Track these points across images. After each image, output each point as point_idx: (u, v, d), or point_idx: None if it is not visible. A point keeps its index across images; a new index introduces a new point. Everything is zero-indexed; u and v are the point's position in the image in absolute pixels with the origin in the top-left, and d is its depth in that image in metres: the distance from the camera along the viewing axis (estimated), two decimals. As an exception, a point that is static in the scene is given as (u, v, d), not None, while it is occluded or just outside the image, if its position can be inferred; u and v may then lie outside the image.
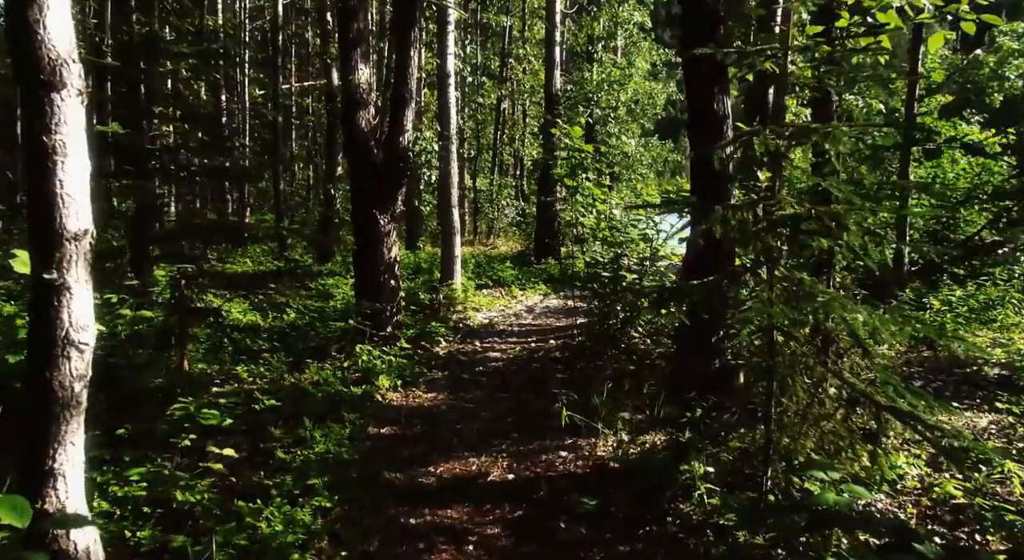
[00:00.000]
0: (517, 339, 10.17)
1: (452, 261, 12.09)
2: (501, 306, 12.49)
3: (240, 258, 17.57)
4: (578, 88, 17.94)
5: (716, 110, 4.90)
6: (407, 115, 8.64)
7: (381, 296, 8.62)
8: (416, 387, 7.39)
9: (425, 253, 16.15)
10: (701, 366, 5.05)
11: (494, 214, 25.27)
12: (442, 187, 12.13)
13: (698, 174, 5.10)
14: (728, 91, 4.99)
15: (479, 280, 14.03)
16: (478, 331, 10.50)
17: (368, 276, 8.66)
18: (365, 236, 8.62)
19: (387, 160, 8.62)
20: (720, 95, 4.89)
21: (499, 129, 28.38)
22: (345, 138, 8.72)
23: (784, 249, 3.99)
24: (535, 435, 5.98)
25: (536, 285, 14.41)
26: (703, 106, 4.91)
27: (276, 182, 19.12)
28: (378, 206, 8.55)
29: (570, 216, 9.23)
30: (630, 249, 8.37)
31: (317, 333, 9.06)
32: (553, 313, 12.15)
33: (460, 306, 11.62)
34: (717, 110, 4.90)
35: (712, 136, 4.90)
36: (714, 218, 3.89)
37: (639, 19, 20.26)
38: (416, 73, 8.74)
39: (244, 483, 4.60)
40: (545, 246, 17.29)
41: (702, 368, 5.04)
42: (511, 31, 26.77)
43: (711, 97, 4.87)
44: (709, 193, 4.82)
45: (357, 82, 8.52)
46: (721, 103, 4.90)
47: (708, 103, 4.88)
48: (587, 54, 20.23)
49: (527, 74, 25.24)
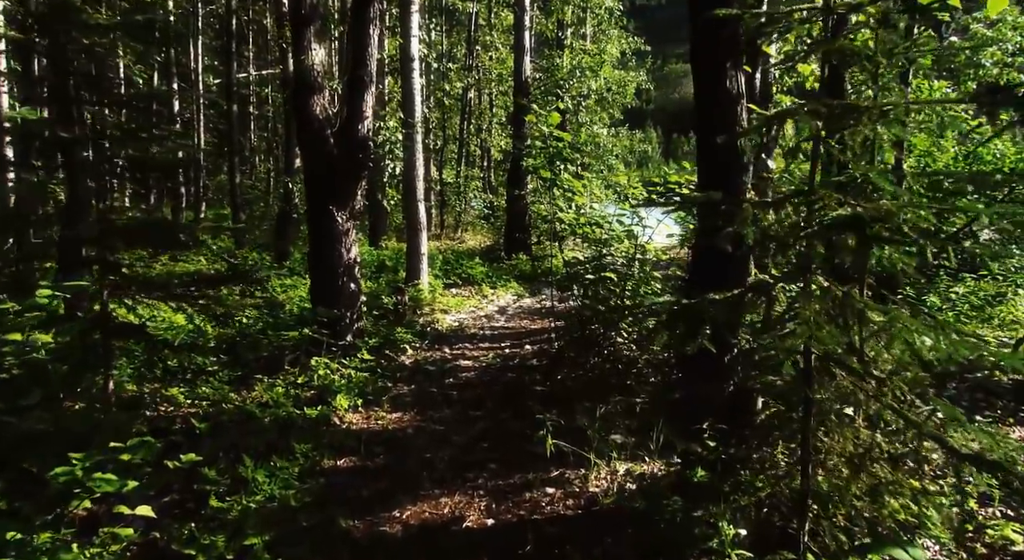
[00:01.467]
0: (490, 345, 9.39)
1: (418, 259, 11.26)
2: (471, 307, 11.70)
3: (194, 256, 16.54)
4: (548, 75, 17.14)
5: (729, 89, 4.15)
6: (366, 100, 7.78)
7: (339, 301, 7.78)
8: (379, 406, 6.57)
9: (389, 250, 15.27)
10: (711, 389, 4.32)
11: (461, 207, 24.43)
12: (407, 179, 11.28)
13: (707, 164, 4.36)
14: (742, 66, 4.25)
15: (447, 279, 13.20)
16: (447, 336, 9.70)
17: (325, 279, 7.81)
18: (321, 234, 7.76)
19: (345, 150, 7.77)
20: (733, 71, 4.15)
21: (466, 119, 27.49)
22: (298, 127, 7.85)
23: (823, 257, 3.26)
24: (516, 465, 5.22)
25: (508, 283, 13.63)
26: (714, 84, 4.16)
27: (232, 175, 18.10)
28: (335, 201, 7.70)
29: (546, 210, 8.45)
30: (615, 247, 7.62)
31: (270, 341, 8.18)
32: (527, 314, 11.39)
33: (427, 308, 10.80)
34: (730, 89, 4.16)
35: (725, 119, 4.16)
36: (742, 218, 3.15)
37: (610, 4, 19.48)
38: (375, 54, 7.89)
39: (165, 548, 3.76)
40: (516, 241, 16.51)
41: (712, 392, 4.31)
42: (477, 18, 25.88)
43: (723, 73, 4.13)
44: (721, 186, 4.07)
45: (310, 64, 7.65)
46: (735, 80, 4.16)
47: (719, 80, 4.13)
48: (557, 40, 19.46)
49: (494, 62, 24.38)
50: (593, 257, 7.78)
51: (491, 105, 28.24)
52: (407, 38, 10.74)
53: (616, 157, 23.09)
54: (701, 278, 4.26)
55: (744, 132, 3.43)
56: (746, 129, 3.49)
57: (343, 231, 7.74)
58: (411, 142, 10.95)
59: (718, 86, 4.15)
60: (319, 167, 7.71)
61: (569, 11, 18.58)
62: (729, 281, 4.18)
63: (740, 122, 4.18)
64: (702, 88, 4.30)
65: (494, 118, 27.39)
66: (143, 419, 5.60)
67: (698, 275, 4.32)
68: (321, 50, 7.82)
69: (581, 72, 16.81)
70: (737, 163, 4.19)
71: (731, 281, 4.20)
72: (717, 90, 4.16)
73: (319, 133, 7.68)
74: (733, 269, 4.21)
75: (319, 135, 7.68)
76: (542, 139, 8.26)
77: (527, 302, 12.39)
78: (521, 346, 9.25)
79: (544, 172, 7.99)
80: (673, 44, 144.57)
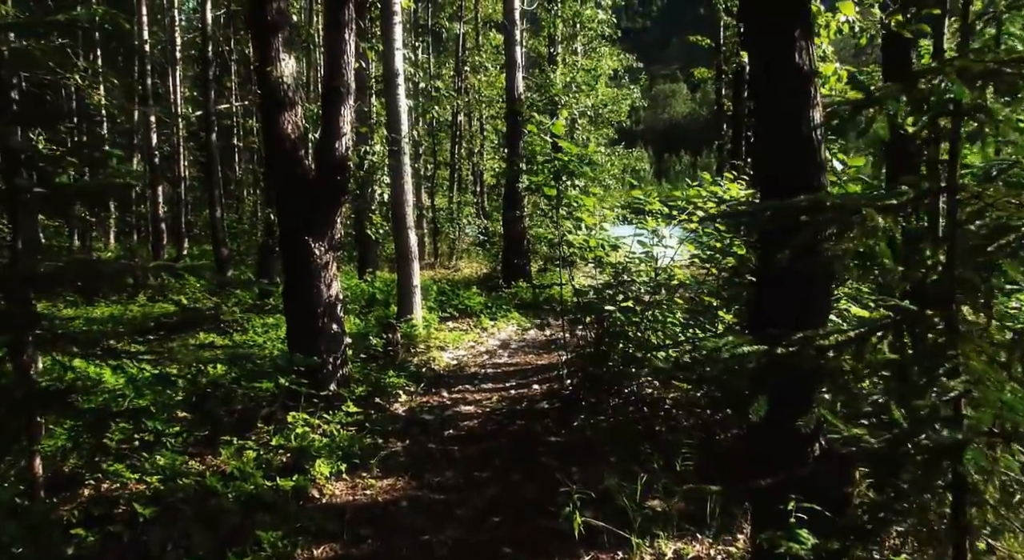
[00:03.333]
0: (493, 385, 8.38)
1: (410, 291, 10.26)
2: (470, 342, 10.68)
3: (174, 295, 15.52)
4: (542, 92, 16.28)
5: (799, 63, 3.20)
6: (343, 115, 6.85)
7: (320, 345, 6.79)
8: (367, 471, 5.53)
9: (380, 282, 14.26)
10: (790, 451, 3.31)
11: (455, 234, 23.47)
12: (395, 205, 10.32)
13: (771, 162, 3.38)
14: (814, 35, 3.32)
15: (443, 311, 12.18)
16: (445, 377, 8.68)
17: (302, 321, 6.82)
18: (296, 269, 6.79)
19: (321, 173, 6.82)
20: (803, 40, 3.20)
21: (456, 143, 26.65)
22: (266, 147, 6.90)
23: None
24: (537, 550, 4.19)
25: (508, 313, 12.61)
26: (780, 55, 3.20)
27: (212, 208, 17.16)
28: (311, 231, 6.73)
29: (551, 233, 7.50)
30: (635, 272, 6.67)
31: (246, 392, 7.12)
32: (532, 347, 10.39)
33: (422, 345, 9.79)
34: (800, 63, 3.20)
35: (797, 102, 3.19)
36: (865, 229, 2.18)
37: (604, 17, 18.69)
38: (353, 62, 6.96)
39: None
40: (514, 267, 15.52)
41: (792, 455, 3.30)
42: (464, 40, 25.15)
43: (791, 42, 3.17)
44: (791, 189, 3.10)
45: (279, 76, 6.72)
46: (806, 52, 3.20)
47: (787, 51, 3.18)
48: (549, 56, 18.66)
49: (484, 83, 23.59)
50: (609, 284, 6.81)
51: (481, 128, 27.43)
52: (390, 51, 9.84)
53: (613, 177, 22.21)
54: (772, 313, 3.27)
55: (845, 107, 2.46)
56: (849, 104, 2.51)
57: (322, 264, 6.76)
58: (399, 164, 10.00)
59: (785, 59, 3.19)
60: (292, 192, 6.75)
61: (560, 25, 17.78)
62: (810, 316, 3.20)
63: (814, 105, 3.22)
64: (762, 63, 3.34)
65: (486, 141, 26.56)
66: (76, 505, 4.57)
67: (767, 309, 3.33)
68: (291, 60, 6.90)
69: (577, 87, 15.95)
70: (813, 160, 3.23)
71: (812, 316, 3.22)
72: (784, 64, 3.20)
73: (291, 154, 6.73)
74: (815, 301, 3.23)
75: (291, 156, 6.73)
76: (544, 152, 7.34)
77: (531, 334, 11.39)
78: (528, 386, 8.25)
79: (549, 190, 7.05)
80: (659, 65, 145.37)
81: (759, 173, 3.47)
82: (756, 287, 3.54)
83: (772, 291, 3.32)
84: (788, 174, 3.30)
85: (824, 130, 3.27)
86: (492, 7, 25.60)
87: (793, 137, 3.23)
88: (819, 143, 3.23)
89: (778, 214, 2.82)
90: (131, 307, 13.66)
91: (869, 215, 2.17)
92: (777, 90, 3.26)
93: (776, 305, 3.29)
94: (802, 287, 3.17)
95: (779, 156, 3.32)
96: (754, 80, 3.44)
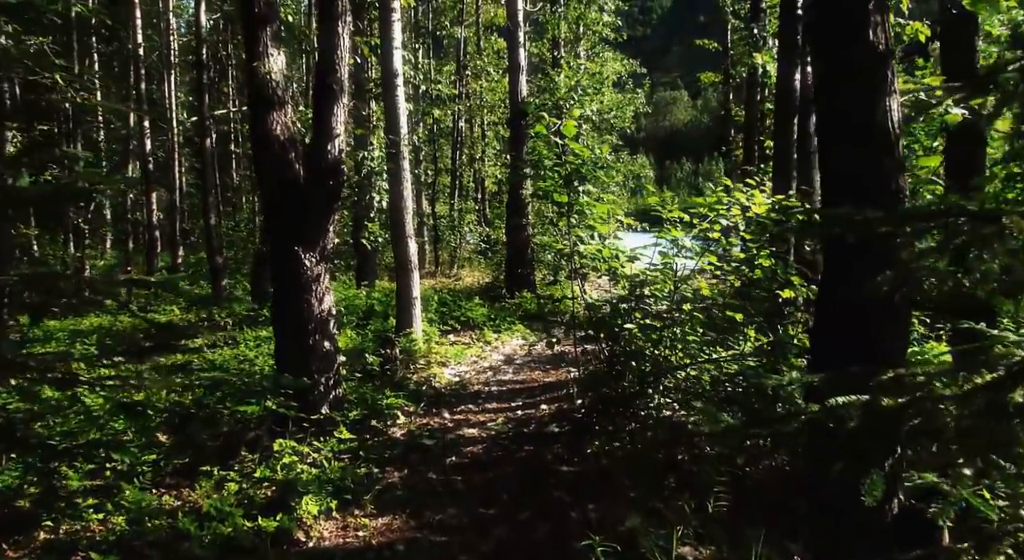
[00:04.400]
0: (498, 405, 7.83)
1: (410, 303, 9.70)
2: (473, 356, 10.12)
3: (168, 306, 15.00)
4: (548, 95, 15.76)
5: (874, 42, 2.67)
6: (336, 114, 6.32)
7: (310, 364, 6.24)
8: (360, 507, 4.98)
9: (379, 292, 13.70)
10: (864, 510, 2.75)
11: (456, 242, 22.93)
12: (394, 212, 9.77)
13: (840, 157, 2.84)
14: (888, 8, 2.79)
15: (444, 324, 11.62)
16: (446, 396, 8.12)
17: (292, 338, 6.28)
18: (285, 283, 6.25)
19: (312, 177, 6.29)
20: (877, 15, 2.67)
21: (457, 149, 26.13)
22: (254, 149, 6.36)
23: None
24: (553, 611, 3.64)
25: (512, 326, 12.05)
26: (850, 33, 2.66)
27: (207, 215, 16.64)
28: (302, 240, 6.20)
29: (560, 242, 6.97)
30: (656, 286, 6.12)
31: (232, 414, 6.56)
32: (538, 362, 9.83)
33: (422, 360, 9.23)
34: (875, 41, 2.67)
35: (876, 88, 2.66)
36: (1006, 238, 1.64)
37: (609, 20, 18.18)
38: (347, 57, 6.43)
39: None
40: (518, 277, 14.96)
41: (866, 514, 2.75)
42: (466, 45, 24.65)
43: (864, 16, 2.64)
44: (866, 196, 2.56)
45: (268, 72, 6.20)
46: (881, 28, 2.67)
47: (859, 27, 2.64)
48: (553, 59, 18.16)
49: (485, 88, 23.09)
50: (625, 298, 6.27)
51: (483, 134, 26.92)
52: (388, 50, 9.31)
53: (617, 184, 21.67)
54: (839, 343, 2.72)
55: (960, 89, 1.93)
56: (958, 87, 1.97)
57: (313, 276, 6.22)
58: (398, 168, 9.46)
59: (858, 36, 2.66)
60: (280, 198, 6.21)
61: (565, 27, 17.25)
62: (887, 349, 2.66)
63: (891, 92, 2.68)
64: (830, 40, 2.80)
65: (488, 147, 26.04)
66: (26, 552, 4.02)
67: (833, 337, 2.78)
68: (281, 56, 6.37)
69: (583, 90, 15.43)
70: (890, 157, 2.69)
71: (889, 348, 2.68)
72: (856, 42, 2.66)
73: (280, 157, 6.19)
74: (893, 328, 2.68)
75: (280, 159, 6.19)
76: (551, 156, 6.80)
77: (536, 348, 10.82)
78: (536, 406, 7.70)
79: (559, 196, 6.51)
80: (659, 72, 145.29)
81: (823, 172, 2.94)
82: (820, 309, 2.98)
83: (839, 316, 2.77)
84: (859, 173, 2.76)
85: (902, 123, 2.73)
86: (494, 11, 25.16)
87: (865, 129, 2.69)
88: (897, 137, 2.69)
89: (860, 222, 2.27)
90: (121, 318, 13.14)
91: (1016, 224, 1.62)
92: (847, 74, 2.71)
93: (845, 333, 2.74)
94: (880, 312, 2.62)
95: (848, 152, 2.79)
96: (819, 63, 2.91)
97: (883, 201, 2.67)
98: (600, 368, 6.79)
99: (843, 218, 2.29)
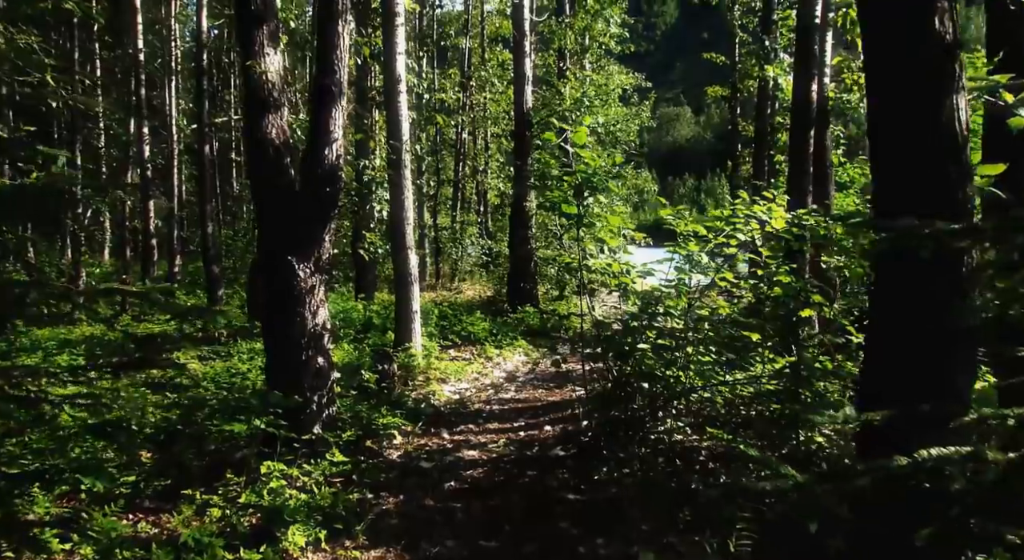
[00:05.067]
0: (500, 425, 7.48)
1: (409, 317, 9.37)
2: (474, 373, 9.76)
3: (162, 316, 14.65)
4: (552, 107, 15.49)
5: (940, 31, 2.35)
6: (335, 117, 6.00)
7: (303, 381, 5.90)
8: (351, 538, 4.61)
9: (378, 304, 13.36)
10: None
11: (458, 255, 22.61)
12: (395, 223, 9.46)
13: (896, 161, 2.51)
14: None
15: (444, 338, 11.27)
16: (446, 415, 7.77)
17: (283, 353, 5.94)
18: (278, 294, 5.91)
19: (308, 184, 5.97)
20: (943, 0, 2.34)
21: (460, 161, 25.87)
22: (247, 154, 6.05)
23: None
24: None
25: (515, 341, 11.70)
26: (912, 20, 2.35)
27: (204, 223, 16.36)
28: (296, 250, 5.87)
29: (571, 257, 6.64)
30: (668, 304, 5.80)
31: (220, 432, 6.19)
32: (542, 380, 9.48)
33: (421, 376, 8.89)
34: (941, 30, 2.35)
35: (943, 82, 2.33)
36: None
37: (616, 31, 17.94)
38: (347, 58, 6.14)
39: None
40: (521, 291, 14.62)
41: None
42: (470, 56, 24.45)
43: (928, 4, 2.32)
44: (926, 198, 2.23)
45: (263, 72, 5.89)
46: (948, 16, 2.35)
47: (923, 13, 2.32)
48: (559, 70, 17.91)
49: (490, 99, 22.84)
50: (637, 315, 5.94)
51: (486, 146, 26.68)
52: (391, 55, 9.02)
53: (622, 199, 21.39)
54: (898, 376, 2.38)
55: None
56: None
57: (307, 288, 5.88)
58: (399, 177, 9.15)
59: (921, 24, 2.34)
60: (275, 206, 5.89)
61: (572, 36, 16.99)
62: (955, 383, 2.33)
63: (959, 88, 2.36)
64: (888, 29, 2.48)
65: (491, 159, 25.78)
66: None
67: (890, 370, 2.44)
68: (278, 57, 6.07)
69: (589, 102, 15.16)
70: (956, 161, 2.36)
71: (956, 383, 2.34)
72: (919, 31, 2.34)
73: (275, 162, 5.88)
74: (960, 360, 2.34)
75: (275, 165, 5.87)
76: (558, 164, 6.49)
77: (540, 365, 10.49)
78: (539, 426, 7.35)
79: (568, 207, 6.19)
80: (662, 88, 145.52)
81: (874, 178, 2.62)
82: (874, 334, 2.64)
83: (897, 342, 2.43)
84: (919, 182, 2.43)
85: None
86: (499, 23, 24.98)
87: (928, 130, 2.36)
88: (965, 140, 2.37)
89: (934, 236, 1.94)
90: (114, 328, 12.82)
91: None
92: (907, 67, 2.39)
93: (904, 362, 2.40)
94: (948, 338, 2.28)
95: (906, 158, 2.45)
96: (873, 56, 2.58)
97: (947, 213, 2.35)
98: (608, 389, 6.45)
99: (912, 232, 1.96)
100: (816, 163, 8.49)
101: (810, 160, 8.38)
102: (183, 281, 20.20)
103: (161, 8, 21.81)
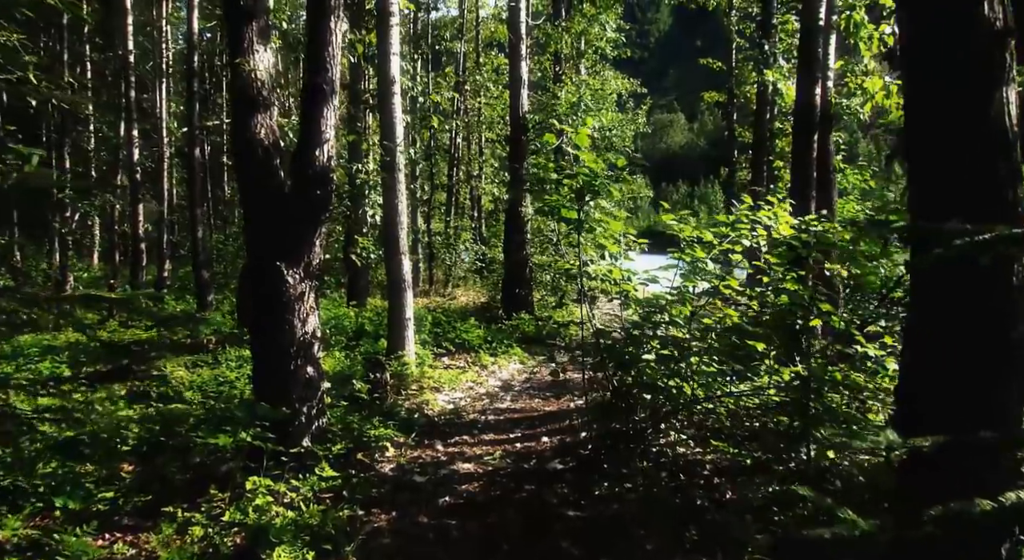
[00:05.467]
0: (495, 436, 7.25)
1: (402, 324, 9.13)
2: (469, 382, 9.53)
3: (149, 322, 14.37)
4: (548, 112, 15.29)
5: (989, 17, 2.14)
6: (326, 117, 5.78)
7: (291, 392, 5.66)
8: (340, 559, 4.38)
9: (370, 310, 13.11)
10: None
11: (452, 260, 22.36)
12: (388, 227, 9.23)
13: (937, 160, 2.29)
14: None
15: (438, 346, 11.02)
16: (440, 425, 7.54)
17: (271, 362, 5.70)
18: (266, 300, 5.67)
19: (298, 186, 5.74)
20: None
21: (454, 166, 25.66)
22: (235, 154, 5.82)
23: None
24: None
25: (510, 349, 11.47)
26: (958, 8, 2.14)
27: (193, 228, 16.11)
28: (285, 255, 5.63)
29: (568, 263, 6.41)
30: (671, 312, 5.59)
31: (204, 444, 5.92)
32: (538, 389, 9.26)
33: (414, 385, 8.64)
34: (991, 17, 2.15)
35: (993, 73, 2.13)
36: None
37: (613, 36, 17.76)
38: (339, 56, 5.91)
39: None
40: (515, 297, 14.39)
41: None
42: (465, 60, 24.25)
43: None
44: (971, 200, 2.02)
45: (252, 70, 5.67)
46: (998, 1, 2.14)
47: (973, 1, 2.12)
48: (555, 75, 17.74)
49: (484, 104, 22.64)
50: (639, 324, 5.72)
51: (480, 151, 26.46)
52: (386, 56, 8.82)
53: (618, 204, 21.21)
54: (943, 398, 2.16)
55: None
56: None
57: (296, 295, 5.65)
58: (393, 180, 8.93)
59: (969, 9, 2.13)
60: (263, 209, 5.66)
61: (568, 39, 16.80)
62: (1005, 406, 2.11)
63: (1008, 80, 2.15)
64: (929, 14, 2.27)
65: (485, 164, 25.56)
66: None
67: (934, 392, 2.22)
68: (268, 54, 5.85)
69: (585, 107, 14.96)
70: (1006, 160, 2.16)
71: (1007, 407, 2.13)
72: (965, 16, 2.13)
73: (264, 163, 5.65)
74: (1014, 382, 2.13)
75: (264, 166, 5.65)
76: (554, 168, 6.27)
77: (536, 374, 10.26)
78: (536, 438, 7.12)
79: (568, 212, 5.97)
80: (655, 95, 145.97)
81: (910, 179, 2.41)
82: (915, 351, 2.42)
83: (942, 361, 2.21)
84: (963, 182, 2.22)
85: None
86: (494, 27, 24.81)
87: (975, 126, 2.15)
88: (1016, 137, 2.16)
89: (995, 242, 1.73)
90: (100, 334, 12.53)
91: None
92: (952, 56, 2.18)
93: (950, 383, 2.18)
94: (995, 359, 2.07)
95: (950, 154, 2.24)
96: (913, 43, 2.37)
97: (997, 215, 2.14)
98: (608, 399, 6.23)
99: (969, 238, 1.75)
100: (820, 168, 8.30)
101: (813, 165, 8.20)
102: (173, 286, 19.92)
103: (152, 10, 21.49)
